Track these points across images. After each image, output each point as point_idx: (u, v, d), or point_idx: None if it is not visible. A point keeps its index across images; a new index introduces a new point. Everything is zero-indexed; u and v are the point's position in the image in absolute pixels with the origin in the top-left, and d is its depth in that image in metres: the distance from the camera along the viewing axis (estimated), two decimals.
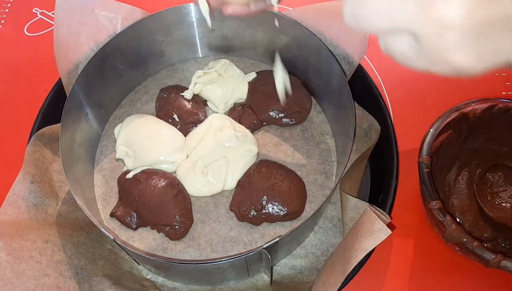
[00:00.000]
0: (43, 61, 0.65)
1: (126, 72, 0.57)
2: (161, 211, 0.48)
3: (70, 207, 0.50)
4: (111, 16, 0.54)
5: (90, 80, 0.51)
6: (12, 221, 0.44)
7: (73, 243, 0.46)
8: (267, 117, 0.56)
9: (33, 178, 0.47)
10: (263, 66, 0.62)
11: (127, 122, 0.55)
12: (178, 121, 0.56)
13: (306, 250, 0.49)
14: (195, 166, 0.52)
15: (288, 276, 0.48)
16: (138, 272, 0.48)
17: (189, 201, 0.51)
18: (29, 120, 0.53)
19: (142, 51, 0.58)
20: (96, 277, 0.46)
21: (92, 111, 0.53)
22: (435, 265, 0.49)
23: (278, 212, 0.49)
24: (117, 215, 0.50)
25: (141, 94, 0.60)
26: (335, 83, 0.51)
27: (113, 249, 0.50)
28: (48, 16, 0.70)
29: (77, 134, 0.50)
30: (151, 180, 0.50)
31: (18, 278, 0.40)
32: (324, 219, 0.51)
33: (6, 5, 0.72)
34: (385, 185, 0.48)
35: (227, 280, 0.47)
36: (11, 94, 0.62)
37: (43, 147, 0.50)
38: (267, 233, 0.49)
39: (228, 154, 0.52)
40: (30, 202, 0.46)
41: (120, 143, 0.54)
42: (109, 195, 0.53)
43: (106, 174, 0.54)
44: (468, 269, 0.48)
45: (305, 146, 0.55)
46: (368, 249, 0.36)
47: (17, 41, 0.68)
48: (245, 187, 0.50)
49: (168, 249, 0.49)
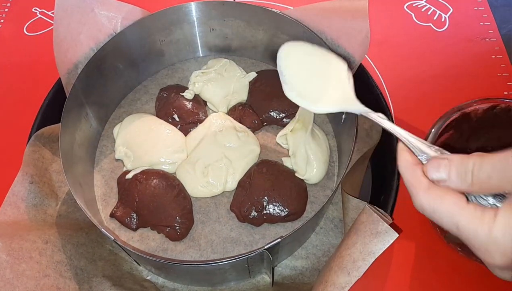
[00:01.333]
0: (43, 60, 0.64)
1: (126, 71, 0.57)
2: (161, 212, 0.48)
3: (69, 207, 0.50)
4: (111, 16, 0.54)
5: (89, 80, 0.51)
6: (12, 221, 0.44)
7: (73, 244, 0.46)
8: (268, 117, 0.56)
9: (32, 178, 0.47)
10: (263, 66, 0.62)
11: (127, 123, 0.55)
12: (178, 121, 0.56)
13: (307, 250, 0.49)
14: (195, 166, 0.51)
15: (289, 277, 0.47)
16: (138, 273, 0.48)
17: (189, 202, 0.50)
18: (29, 120, 0.53)
19: (142, 51, 0.57)
20: (96, 278, 0.46)
21: (92, 111, 0.53)
22: (437, 266, 0.49)
23: (279, 212, 0.49)
24: (116, 216, 0.50)
25: (141, 94, 0.60)
26: None
27: (113, 250, 0.49)
28: (48, 15, 0.70)
29: (77, 134, 0.50)
30: (151, 180, 0.50)
31: (18, 279, 0.40)
32: (325, 219, 0.50)
33: (5, 5, 0.72)
34: (387, 185, 0.48)
35: (228, 281, 0.47)
36: (11, 94, 0.62)
37: (42, 147, 0.50)
38: (268, 233, 0.49)
39: (229, 154, 0.52)
40: (29, 202, 0.46)
41: (119, 144, 0.54)
42: (109, 195, 0.52)
43: (106, 174, 0.54)
44: (470, 270, 0.48)
45: None
46: (377, 253, 0.36)
47: (17, 40, 0.68)
48: (245, 187, 0.50)
49: (168, 249, 0.49)
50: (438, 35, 0.66)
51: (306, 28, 0.51)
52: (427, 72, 0.62)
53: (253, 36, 0.58)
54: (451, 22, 0.67)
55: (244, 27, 0.58)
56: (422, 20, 0.68)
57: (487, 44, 0.65)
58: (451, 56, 0.64)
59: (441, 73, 0.62)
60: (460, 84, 0.60)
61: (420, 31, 0.67)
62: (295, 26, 0.52)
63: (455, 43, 0.65)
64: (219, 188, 0.51)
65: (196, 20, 0.57)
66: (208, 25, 0.58)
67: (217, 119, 0.55)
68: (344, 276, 0.37)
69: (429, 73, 0.62)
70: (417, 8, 0.69)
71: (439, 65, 0.63)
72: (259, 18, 0.55)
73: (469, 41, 0.65)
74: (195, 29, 0.59)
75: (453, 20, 0.68)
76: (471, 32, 0.66)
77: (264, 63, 0.62)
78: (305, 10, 0.53)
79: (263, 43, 0.59)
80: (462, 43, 0.65)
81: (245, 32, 0.58)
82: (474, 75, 0.62)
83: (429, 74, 0.62)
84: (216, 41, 0.61)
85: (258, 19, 0.56)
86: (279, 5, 0.69)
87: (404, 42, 0.66)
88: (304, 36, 0.52)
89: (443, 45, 0.65)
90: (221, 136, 0.53)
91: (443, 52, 0.64)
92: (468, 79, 0.61)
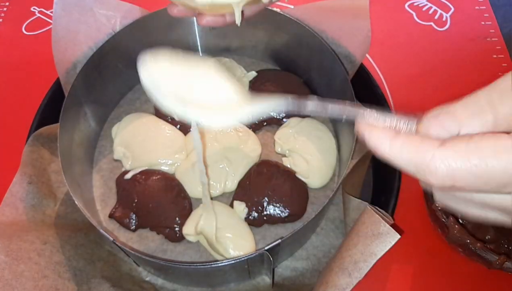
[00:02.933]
0: (41, 60, 0.64)
1: (125, 71, 0.57)
2: (160, 213, 0.48)
3: (68, 208, 0.49)
4: (110, 15, 0.53)
5: (88, 79, 0.50)
6: (10, 222, 0.44)
7: (71, 244, 0.46)
8: (268, 117, 0.56)
9: (31, 179, 0.47)
10: (263, 65, 0.62)
11: (125, 122, 0.55)
12: (178, 121, 0.55)
13: (308, 251, 0.48)
14: (195, 167, 0.51)
15: (289, 278, 0.47)
16: (137, 274, 0.48)
17: (189, 202, 0.50)
18: (27, 120, 0.52)
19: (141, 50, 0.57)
20: (95, 278, 0.45)
21: (91, 111, 0.53)
22: (438, 267, 0.49)
23: (280, 213, 0.48)
24: (115, 216, 0.50)
25: (140, 94, 0.60)
26: (337, 82, 0.50)
27: (112, 251, 0.49)
28: (46, 14, 0.70)
29: (76, 134, 0.50)
30: (151, 181, 0.49)
31: (16, 280, 0.40)
32: (326, 220, 0.50)
33: (4, 4, 0.71)
34: (388, 186, 0.48)
35: (227, 282, 0.47)
36: (9, 94, 0.62)
37: (41, 147, 0.49)
38: (268, 234, 0.49)
39: (229, 155, 0.52)
40: (28, 203, 0.46)
41: (117, 144, 0.54)
42: (107, 196, 0.52)
43: (105, 174, 0.53)
44: (471, 271, 0.48)
45: None
46: (378, 255, 0.36)
47: (15, 40, 0.67)
48: (245, 188, 0.50)
49: (167, 250, 0.48)
50: (439, 34, 0.66)
51: (306, 27, 0.51)
52: (428, 71, 0.62)
53: (253, 35, 0.58)
54: (452, 21, 0.67)
55: (244, 27, 0.57)
56: (423, 19, 0.68)
57: (488, 44, 0.64)
58: (452, 55, 0.64)
59: (442, 73, 0.62)
60: (461, 84, 0.60)
61: (421, 30, 0.67)
62: (295, 25, 0.52)
63: (456, 42, 0.65)
64: (219, 190, 0.51)
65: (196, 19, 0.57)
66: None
67: None
68: (345, 277, 0.37)
69: (430, 73, 0.62)
70: (418, 7, 0.69)
71: (440, 65, 0.63)
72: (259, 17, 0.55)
73: (470, 41, 0.65)
74: (194, 28, 0.58)
75: (454, 19, 0.67)
76: (473, 32, 0.66)
77: (264, 62, 0.62)
78: (305, 9, 0.53)
79: (263, 42, 0.59)
80: (463, 42, 0.65)
81: (245, 31, 0.58)
82: (476, 75, 0.61)
83: (430, 74, 0.62)
84: (216, 41, 0.60)
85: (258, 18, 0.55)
86: (279, 4, 0.69)
87: (405, 42, 0.65)
88: (305, 35, 0.52)
89: (444, 44, 0.65)
90: (221, 136, 0.53)
91: (444, 52, 0.64)
92: (469, 79, 0.61)
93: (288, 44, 0.56)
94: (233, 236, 0.47)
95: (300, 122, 0.54)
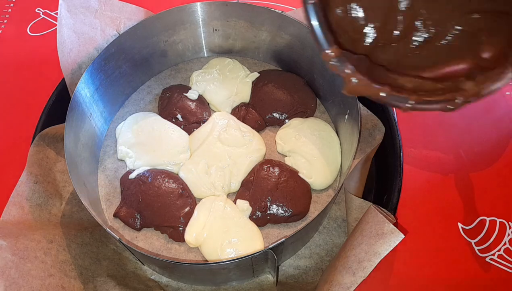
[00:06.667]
0: (46, 61, 0.65)
1: (130, 72, 0.57)
2: (164, 212, 0.48)
3: (74, 207, 0.50)
4: (114, 16, 0.54)
5: (93, 80, 0.51)
6: (17, 221, 0.44)
7: (77, 243, 0.46)
8: (271, 118, 0.56)
9: (37, 178, 0.47)
10: (266, 66, 0.62)
11: (129, 122, 0.55)
12: (181, 121, 0.56)
13: (311, 250, 0.49)
14: (199, 166, 0.51)
15: (292, 276, 0.48)
16: (142, 272, 0.48)
17: (193, 202, 0.50)
18: (33, 121, 0.53)
19: (146, 51, 0.57)
20: (101, 277, 0.46)
21: (96, 111, 0.53)
22: (439, 265, 0.49)
23: (283, 213, 0.49)
24: (120, 216, 0.50)
25: (144, 94, 0.60)
26: (340, 83, 0.50)
27: (117, 249, 0.50)
28: (51, 16, 0.70)
29: (81, 134, 0.50)
30: (155, 180, 0.50)
31: (23, 278, 0.40)
32: (328, 219, 0.51)
33: (8, 5, 0.72)
34: (390, 185, 0.48)
35: (231, 280, 0.47)
36: (15, 95, 0.62)
37: (46, 147, 0.50)
38: (272, 233, 0.49)
39: (232, 155, 0.52)
40: (34, 202, 0.46)
41: (120, 143, 0.54)
42: (112, 195, 0.52)
43: (110, 173, 0.54)
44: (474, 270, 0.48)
45: None
46: (382, 254, 0.36)
47: (20, 41, 0.68)
48: (249, 187, 0.50)
49: (172, 249, 0.49)
50: None
51: (308, 28, 0.51)
52: None
53: (256, 36, 0.59)
54: None
55: (247, 28, 0.58)
56: None
57: None
58: None
59: None
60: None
61: None
62: (297, 26, 0.52)
63: None
64: (224, 190, 0.51)
65: (199, 21, 0.57)
66: (211, 25, 0.58)
67: (220, 118, 0.55)
68: (349, 276, 0.37)
69: None
70: None
71: None
72: (262, 19, 0.56)
73: None
74: (198, 30, 0.59)
75: None
76: None
77: (267, 63, 0.62)
78: None
79: (266, 43, 0.59)
80: None
81: (248, 32, 0.58)
82: None
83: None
84: (219, 42, 0.61)
85: (261, 19, 0.56)
86: (282, 5, 0.70)
87: None
88: (307, 36, 0.52)
89: None
90: (225, 136, 0.53)
91: None
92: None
93: (290, 45, 0.56)
94: (239, 240, 0.47)
95: (303, 122, 0.54)
